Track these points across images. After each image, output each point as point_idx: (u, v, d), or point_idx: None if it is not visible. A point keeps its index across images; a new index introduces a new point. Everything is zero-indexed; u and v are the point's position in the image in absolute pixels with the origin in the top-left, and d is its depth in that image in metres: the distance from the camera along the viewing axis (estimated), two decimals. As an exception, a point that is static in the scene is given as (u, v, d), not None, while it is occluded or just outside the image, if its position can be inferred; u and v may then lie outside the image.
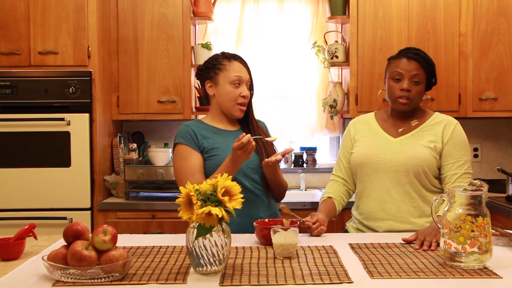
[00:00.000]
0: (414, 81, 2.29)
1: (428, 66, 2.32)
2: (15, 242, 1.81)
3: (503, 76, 3.62)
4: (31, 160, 3.29)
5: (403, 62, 2.31)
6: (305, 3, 3.97)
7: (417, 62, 2.29)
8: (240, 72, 2.33)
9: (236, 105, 2.33)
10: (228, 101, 2.33)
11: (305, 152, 4.04)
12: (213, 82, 2.36)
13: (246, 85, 2.35)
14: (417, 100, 2.33)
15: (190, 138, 2.31)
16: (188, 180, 2.18)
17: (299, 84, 4.00)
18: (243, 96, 2.32)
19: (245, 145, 2.08)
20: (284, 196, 2.48)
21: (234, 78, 2.31)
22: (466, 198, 1.70)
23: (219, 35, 3.97)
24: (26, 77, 3.30)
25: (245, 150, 2.10)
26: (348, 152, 2.45)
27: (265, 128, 2.51)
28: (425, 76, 2.31)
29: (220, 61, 2.35)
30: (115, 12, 3.62)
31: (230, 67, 2.33)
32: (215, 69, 2.35)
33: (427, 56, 2.35)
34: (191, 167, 2.27)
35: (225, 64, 2.34)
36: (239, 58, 2.38)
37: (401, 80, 2.30)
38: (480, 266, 1.67)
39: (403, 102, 2.31)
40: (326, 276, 1.60)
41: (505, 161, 4.03)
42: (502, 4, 3.60)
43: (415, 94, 2.30)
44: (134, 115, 3.68)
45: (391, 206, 2.30)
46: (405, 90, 2.29)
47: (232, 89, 2.32)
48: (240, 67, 2.34)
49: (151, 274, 1.62)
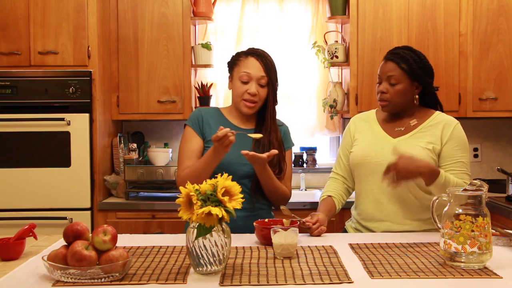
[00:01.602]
0: (390, 82, 2.27)
1: (408, 64, 2.26)
2: (15, 242, 1.81)
3: (503, 76, 3.62)
4: (31, 160, 3.30)
5: (382, 64, 2.33)
6: (305, 3, 3.97)
7: (393, 62, 2.27)
8: (250, 69, 2.29)
9: (243, 101, 2.30)
10: (235, 97, 2.33)
11: (305, 152, 4.04)
12: (231, 77, 2.37)
13: (258, 82, 2.30)
14: (397, 101, 2.29)
15: (196, 122, 2.35)
16: (183, 161, 2.31)
17: (299, 84, 4.00)
18: (250, 93, 2.28)
19: (220, 138, 2.06)
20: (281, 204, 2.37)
21: (242, 74, 2.29)
22: (466, 198, 1.70)
23: (219, 35, 3.97)
24: (26, 77, 3.30)
25: (222, 144, 2.08)
26: (348, 150, 2.44)
27: (284, 133, 2.43)
28: (404, 75, 2.26)
29: (239, 56, 2.35)
30: (115, 12, 3.62)
31: (243, 63, 2.31)
32: (233, 64, 2.36)
33: (411, 54, 2.29)
34: (190, 150, 2.31)
35: (241, 60, 2.32)
36: (258, 54, 2.33)
37: (380, 83, 2.32)
38: (480, 266, 1.67)
39: (381, 104, 2.32)
40: (326, 276, 1.60)
41: (505, 161, 4.03)
42: (502, 4, 3.60)
43: (392, 95, 2.28)
44: (134, 115, 3.69)
45: (388, 207, 2.29)
46: (381, 93, 2.29)
47: (239, 85, 2.30)
48: (254, 63, 2.30)
49: (151, 274, 1.62)
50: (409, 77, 2.27)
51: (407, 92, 2.29)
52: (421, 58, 2.30)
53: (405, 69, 2.26)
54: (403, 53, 2.29)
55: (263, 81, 2.31)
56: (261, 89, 2.31)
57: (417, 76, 2.28)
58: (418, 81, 2.29)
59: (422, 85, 2.32)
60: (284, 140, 2.42)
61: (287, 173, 2.40)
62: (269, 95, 2.34)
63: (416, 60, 2.28)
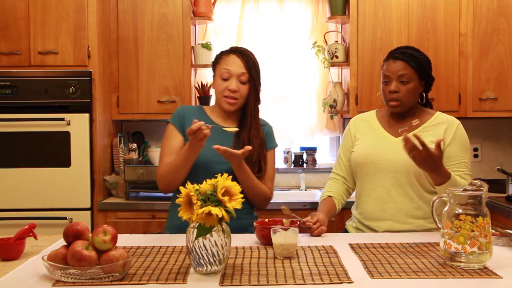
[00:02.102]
0: (401, 81, 2.28)
1: (418, 63, 2.28)
2: (15, 242, 1.81)
3: (503, 76, 3.62)
4: (31, 160, 3.29)
5: (390, 63, 2.32)
6: (305, 3, 3.97)
7: (403, 61, 2.28)
8: (230, 65, 2.29)
9: (223, 97, 2.30)
10: (217, 94, 2.34)
11: (305, 152, 4.04)
12: (214, 75, 2.38)
13: (239, 79, 2.29)
14: (409, 100, 2.30)
15: (177, 119, 2.36)
16: (163, 158, 2.32)
17: (299, 84, 4.00)
18: (230, 90, 2.28)
19: (194, 132, 2.05)
20: (262, 206, 2.38)
21: (223, 71, 2.30)
22: (466, 198, 1.70)
23: (219, 35, 3.97)
24: (26, 77, 3.30)
25: (196, 137, 2.07)
26: (349, 150, 2.44)
27: (267, 133, 2.42)
28: (414, 74, 2.28)
29: (221, 54, 2.36)
30: (115, 12, 3.62)
31: (224, 60, 2.32)
32: (216, 63, 2.37)
33: (418, 53, 2.31)
34: (170, 147, 2.32)
35: (222, 58, 2.34)
36: (238, 51, 2.34)
37: (389, 83, 2.31)
38: (480, 266, 1.67)
39: (393, 104, 2.31)
40: (326, 276, 1.60)
41: (505, 161, 4.03)
42: (502, 4, 3.60)
43: (404, 94, 2.28)
44: (134, 115, 3.69)
45: (390, 206, 2.29)
46: (393, 92, 2.29)
47: (220, 82, 2.31)
48: (234, 61, 2.30)
49: (151, 274, 1.62)
50: (418, 76, 2.30)
51: (417, 90, 2.32)
52: (426, 56, 2.34)
53: (415, 68, 2.28)
54: (411, 52, 2.31)
55: (244, 78, 2.30)
56: (242, 86, 2.30)
57: (425, 74, 2.31)
58: (425, 79, 2.32)
59: (427, 84, 2.34)
60: (267, 140, 2.40)
61: (269, 173, 2.38)
62: (250, 92, 2.33)
63: (424, 58, 2.32)
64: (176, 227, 2.25)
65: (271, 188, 2.39)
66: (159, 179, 2.31)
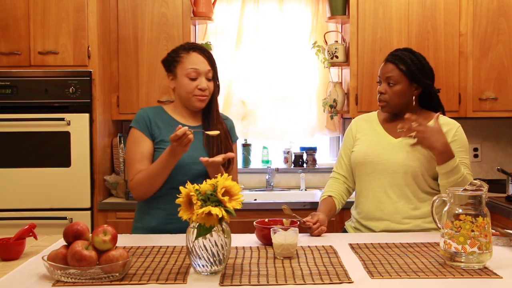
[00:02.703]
0: (389, 82, 2.30)
1: (406, 66, 2.28)
2: (15, 242, 1.81)
3: (503, 76, 3.62)
4: (31, 160, 3.29)
5: (382, 65, 2.36)
6: (305, 3, 3.97)
7: (392, 63, 2.31)
8: (196, 64, 2.27)
9: (194, 96, 2.27)
10: (185, 94, 2.29)
11: (305, 152, 4.04)
12: (173, 75, 2.33)
13: (206, 76, 2.28)
14: (396, 101, 2.31)
15: (144, 124, 2.31)
16: (135, 165, 2.25)
17: (299, 84, 4.00)
18: (200, 89, 2.26)
19: (180, 137, 2.03)
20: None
21: (189, 70, 2.26)
22: (466, 198, 1.70)
23: (219, 35, 3.97)
24: (26, 77, 3.30)
25: (181, 143, 2.05)
26: (349, 150, 2.45)
27: (230, 127, 2.42)
28: (403, 76, 2.29)
29: (179, 53, 2.30)
30: (115, 12, 3.62)
31: (186, 59, 2.28)
32: (173, 62, 2.31)
33: (411, 56, 2.31)
34: (141, 153, 2.27)
35: (182, 56, 2.29)
36: (199, 49, 2.31)
37: (380, 84, 2.35)
38: (480, 266, 1.67)
39: (380, 105, 2.36)
40: (326, 276, 1.60)
41: (505, 161, 4.03)
42: (502, 4, 3.60)
43: (390, 95, 2.30)
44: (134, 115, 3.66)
45: (388, 207, 2.30)
46: (380, 93, 2.33)
47: (188, 82, 2.26)
48: (198, 59, 2.28)
49: (151, 274, 1.62)
50: (408, 78, 2.30)
51: (406, 93, 2.31)
52: (420, 60, 2.33)
53: (403, 70, 2.29)
54: (402, 55, 2.32)
55: (210, 75, 2.30)
56: (209, 83, 2.30)
57: (415, 77, 2.30)
58: (417, 82, 2.31)
59: (421, 87, 2.33)
60: (231, 133, 2.40)
61: (234, 167, 2.38)
62: (214, 88, 2.33)
63: (414, 61, 2.30)
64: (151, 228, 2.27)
65: (237, 181, 2.40)
66: (134, 187, 2.25)
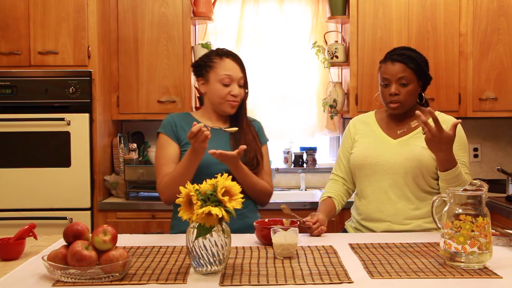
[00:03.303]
0: (401, 83, 2.28)
1: (416, 64, 2.29)
2: (15, 242, 1.81)
3: (503, 76, 3.62)
4: (31, 160, 3.29)
5: (388, 66, 2.32)
6: (305, 3, 3.97)
7: (401, 63, 2.28)
8: (230, 71, 2.30)
9: (226, 102, 2.30)
10: (218, 99, 2.31)
11: (305, 152, 4.04)
12: (204, 79, 2.34)
13: (238, 83, 2.31)
14: (409, 101, 2.31)
15: (170, 129, 2.34)
16: (162, 169, 2.28)
17: (299, 84, 4.00)
18: (233, 95, 2.29)
19: (195, 134, 2.04)
20: (264, 201, 2.40)
21: (223, 76, 2.29)
22: (466, 198, 1.70)
23: (219, 35, 3.97)
24: (26, 77, 3.30)
25: (197, 140, 2.06)
26: (348, 151, 2.45)
27: (258, 128, 2.45)
28: (413, 75, 2.29)
29: (212, 58, 2.33)
30: (115, 12, 3.62)
31: (220, 65, 2.30)
32: (206, 67, 2.33)
33: (415, 54, 2.32)
34: (167, 157, 2.29)
35: (216, 62, 2.31)
36: (232, 55, 2.34)
37: (389, 85, 2.31)
38: (480, 266, 1.67)
39: (393, 106, 2.31)
40: (326, 276, 1.60)
41: (505, 161, 4.03)
42: (502, 4, 3.60)
43: (404, 96, 2.29)
44: (134, 115, 3.69)
45: (388, 208, 2.30)
46: (394, 95, 2.29)
47: (221, 88, 2.29)
48: (232, 65, 2.31)
49: (151, 274, 1.62)
50: (417, 77, 2.30)
51: (416, 91, 2.33)
52: (423, 57, 2.35)
53: (414, 69, 2.28)
54: (409, 54, 2.31)
55: (242, 82, 2.33)
56: (240, 89, 2.33)
57: (424, 75, 2.32)
58: (423, 79, 2.33)
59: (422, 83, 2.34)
60: (259, 135, 2.43)
61: (266, 168, 2.40)
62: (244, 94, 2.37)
63: (422, 59, 2.32)
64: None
65: (270, 182, 2.41)
66: (162, 191, 2.27)
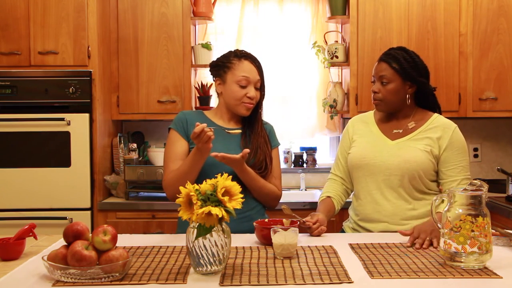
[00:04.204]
0: (382, 81, 2.30)
1: (399, 64, 2.28)
2: (15, 242, 1.81)
3: (503, 76, 3.62)
4: (31, 160, 3.29)
5: (375, 65, 2.36)
6: (305, 3, 3.97)
7: (385, 62, 2.31)
8: (248, 72, 2.29)
9: (242, 103, 2.30)
10: (234, 101, 2.31)
11: (305, 152, 4.05)
12: (221, 80, 2.35)
13: (255, 86, 2.31)
14: (390, 100, 2.31)
15: (181, 125, 2.33)
16: (168, 165, 2.29)
17: (299, 84, 4.00)
18: (249, 97, 2.29)
19: (198, 135, 2.05)
20: (272, 204, 2.40)
21: (240, 78, 2.28)
22: (466, 198, 1.70)
23: (219, 35, 3.98)
24: (26, 77, 3.30)
25: (200, 140, 2.06)
26: (346, 151, 2.45)
27: (269, 132, 2.45)
28: (396, 75, 2.28)
29: (231, 59, 2.33)
30: (115, 12, 3.62)
31: (238, 67, 2.30)
32: (224, 68, 2.33)
33: (404, 54, 2.31)
34: (175, 153, 2.30)
35: (234, 63, 2.31)
36: (251, 57, 2.34)
37: (374, 83, 2.35)
38: (480, 266, 1.67)
39: (374, 103, 2.35)
40: (326, 276, 1.60)
41: (505, 161, 4.03)
42: (502, 4, 3.60)
43: (384, 94, 2.30)
44: (134, 115, 3.69)
45: (386, 208, 2.30)
46: (374, 92, 2.33)
47: (238, 89, 2.29)
48: (250, 67, 2.30)
49: (151, 274, 1.62)
50: (401, 77, 2.29)
51: (399, 91, 2.31)
52: (413, 58, 2.32)
53: (396, 69, 2.29)
54: (395, 53, 2.32)
55: (259, 84, 2.33)
56: (257, 92, 2.33)
57: (408, 75, 2.29)
58: (410, 80, 2.31)
59: (416, 85, 2.32)
60: (270, 138, 2.42)
61: (276, 171, 2.40)
62: (260, 97, 2.37)
63: (407, 59, 2.30)
64: None
65: (279, 186, 2.41)
66: (166, 186, 2.27)
